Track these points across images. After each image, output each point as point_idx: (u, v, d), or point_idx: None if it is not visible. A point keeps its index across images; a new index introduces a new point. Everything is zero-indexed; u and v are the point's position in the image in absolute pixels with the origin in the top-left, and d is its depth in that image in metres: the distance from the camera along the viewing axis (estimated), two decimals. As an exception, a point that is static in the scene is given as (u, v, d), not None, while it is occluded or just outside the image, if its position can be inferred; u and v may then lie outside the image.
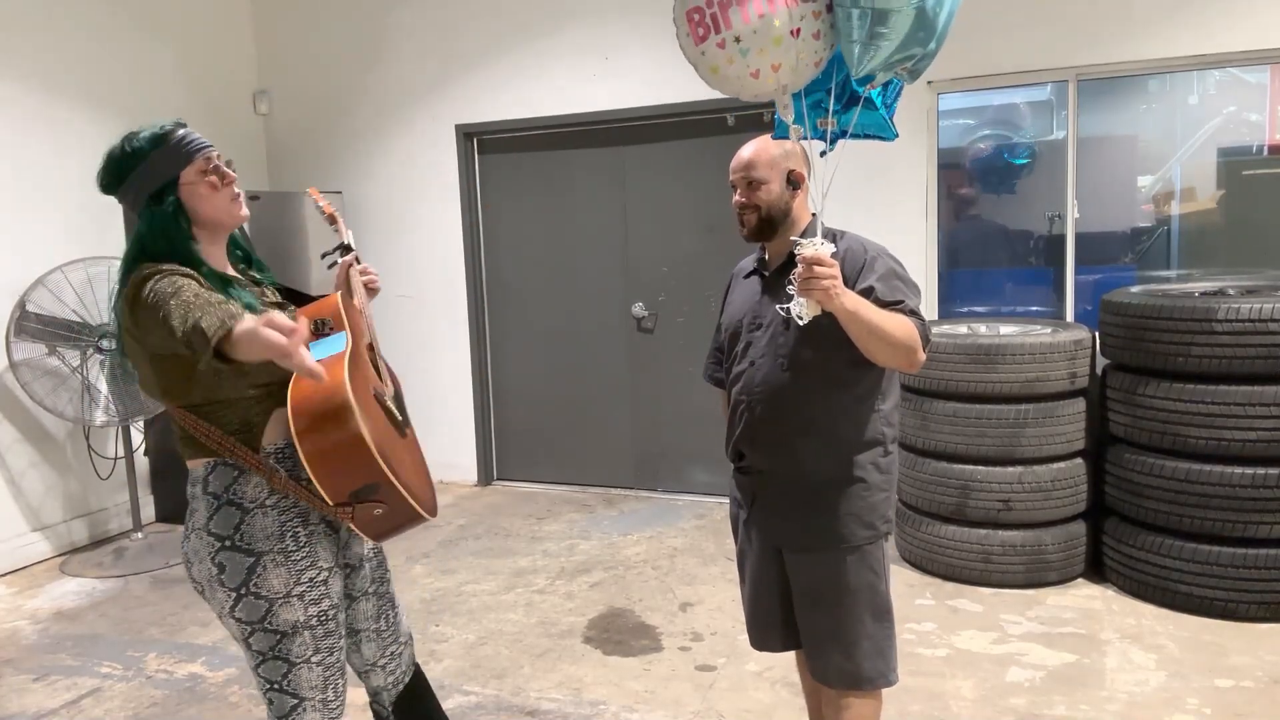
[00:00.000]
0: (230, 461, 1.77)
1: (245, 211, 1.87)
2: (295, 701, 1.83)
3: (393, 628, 2.10)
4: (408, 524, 1.82)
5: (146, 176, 1.76)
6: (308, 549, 1.80)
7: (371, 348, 2.02)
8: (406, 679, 2.15)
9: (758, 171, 2.07)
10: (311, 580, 1.80)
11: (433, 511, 1.89)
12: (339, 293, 1.99)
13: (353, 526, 1.75)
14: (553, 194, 5.53)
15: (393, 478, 1.71)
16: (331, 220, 2.19)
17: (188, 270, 1.71)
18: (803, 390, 2.06)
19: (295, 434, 1.66)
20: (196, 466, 1.81)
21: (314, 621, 1.81)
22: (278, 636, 1.79)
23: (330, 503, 1.71)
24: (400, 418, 1.98)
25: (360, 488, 1.70)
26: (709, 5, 1.71)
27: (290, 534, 1.78)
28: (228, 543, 1.76)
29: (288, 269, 4.99)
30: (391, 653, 2.10)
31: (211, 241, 1.85)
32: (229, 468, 1.77)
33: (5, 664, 3.54)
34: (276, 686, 1.82)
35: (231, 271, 1.90)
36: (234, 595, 1.77)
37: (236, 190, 1.85)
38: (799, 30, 1.67)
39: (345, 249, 2.11)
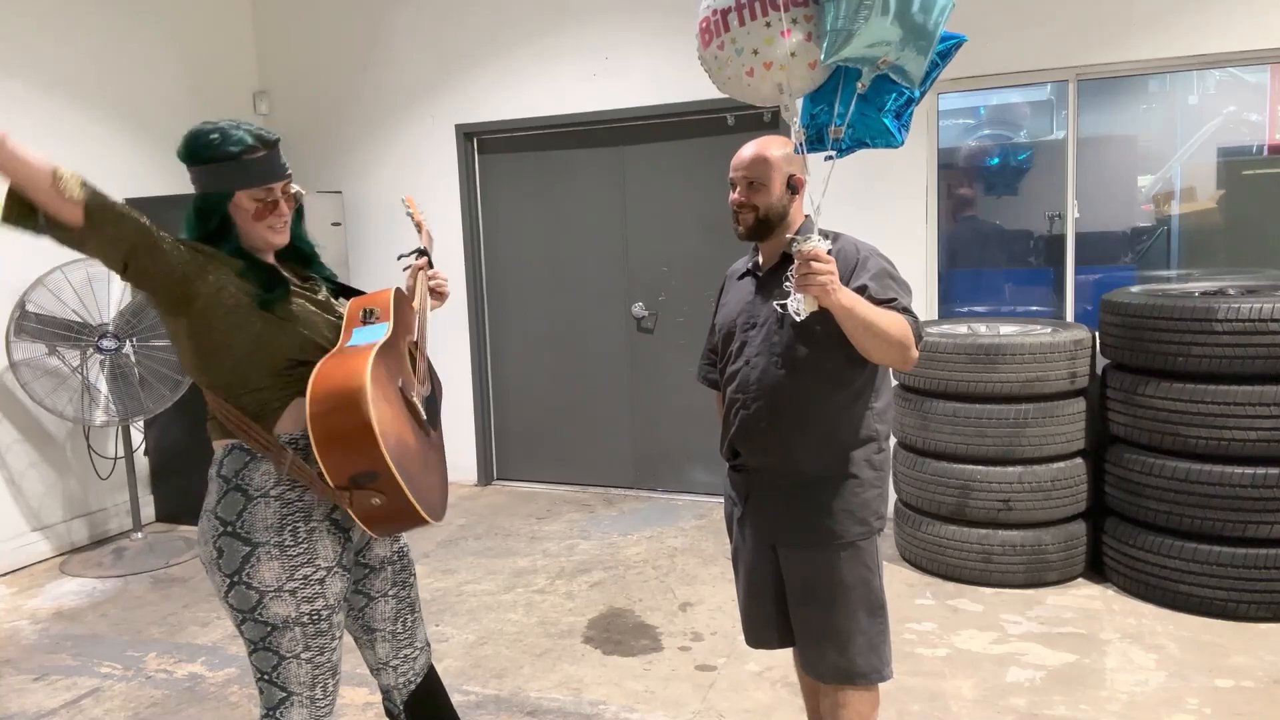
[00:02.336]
0: (245, 447, 1.81)
1: (281, 240, 1.91)
2: (284, 695, 1.85)
3: (409, 631, 2.11)
4: (408, 522, 1.82)
5: (210, 176, 1.82)
6: (306, 545, 1.81)
7: (417, 346, 2.06)
8: (418, 681, 2.15)
9: (759, 172, 2.08)
10: (306, 578, 1.81)
11: (437, 516, 1.90)
12: (394, 288, 2.03)
13: (351, 513, 1.76)
14: (553, 194, 5.53)
15: (394, 469, 1.72)
16: (418, 228, 2.29)
17: (206, 248, 1.79)
18: (797, 388, 2.07)
19: (309, 412, 1.70)
20: (219, 448, 1.86)
21: (305, 619, 1.81)
22: (268, 628, 1.80)
23: (330, 484, 1.73)
24: (427, 418, 2.00)
25: (360, 473, 1.72)
26: (714, 13, 1.82)
27: (290, 529, 1.79)
28: (229, 528, 1.78)
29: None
30: (405, 655, 2.11)
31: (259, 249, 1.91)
32: (243, 453, 1.81)
33: (5, 664, 3.54)
34: (266, 677, 1.85)
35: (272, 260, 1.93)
36: (228, 581, 1.79)
37: (285, 220, 1.89)
38: (789, 31, 1.72)
39: (420, 253, 2.19)
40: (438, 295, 2.21)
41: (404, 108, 5.69)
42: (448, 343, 5.71)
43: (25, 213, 1.55)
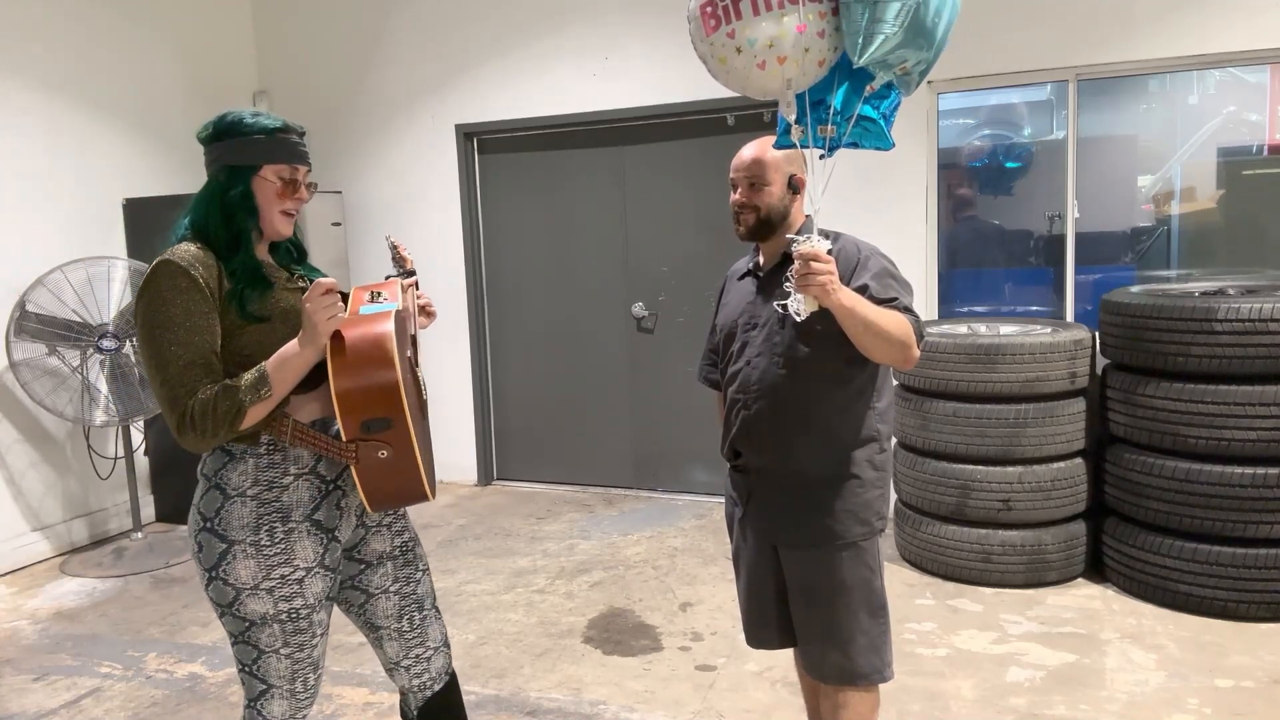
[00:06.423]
0: (225, 446, 1.82)
1: (288, 230, 1.92)
2: (264, 687, 1.87)
3: (418, 630, 2.06)
4: (408, 485, 1.81)
5: (239, 148, 1.83)
6: (283, 546, 1.80)
7: (415, 360, 2.05)
8: (436, 686, 2.11)
9: (761, 172, 2.08)
10: (283, 578, 1.80)
11: (433, 490, 1.89)
12: (398, 278, 2.04)
13: (354, 474, 1.76)
14: (553, 194, 5.53)
15: (408, 417, 1.74)
16: (403, 263, 2.27)
17: (198, 275, 1.75)
18: (799, 388, 2.07)
19: (331, 371, 1.71)
20: None
21: (283, 617, 1.82)
22: (246, 624, 1.82)
23: (344, 436, 1.74)
24: (424, 399, 2.03)
25: (373, 419, 1.73)
26: None
27: (266, 529, 1.79)
28: (208, 524, 1.80)
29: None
30: (417, 655, 2.07)
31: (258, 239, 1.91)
32: (223, 453, 1.82)
33: (5, 664, 3.54)
34: (247, 669, 1.87)
35: (265, 258, 1.93)
36: (207, 575, 1.82)
37: (294, 210, 1.90)
38: (805, 26, 1.70)
39: (408, 274, 2.19)
40: (426, 314, 2.19)
41: (404, 108, 5.69)
42: (448, 343, 5.71)
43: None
